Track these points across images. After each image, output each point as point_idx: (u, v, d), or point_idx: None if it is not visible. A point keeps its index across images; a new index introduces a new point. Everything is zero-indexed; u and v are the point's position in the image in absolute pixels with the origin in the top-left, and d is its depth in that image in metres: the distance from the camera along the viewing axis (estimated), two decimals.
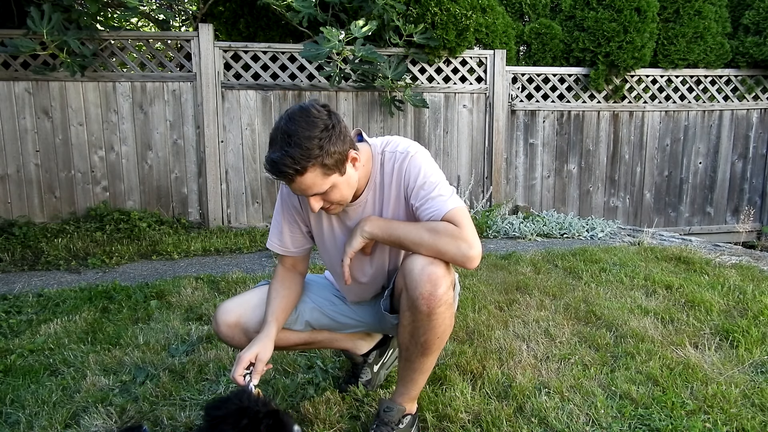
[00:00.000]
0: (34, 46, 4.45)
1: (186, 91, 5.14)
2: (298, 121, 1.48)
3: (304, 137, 1.45)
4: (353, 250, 1.64)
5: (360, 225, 1.64)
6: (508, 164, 5.97)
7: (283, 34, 5.62)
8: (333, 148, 1.49)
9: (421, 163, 1.65)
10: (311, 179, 1.49)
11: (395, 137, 1.75)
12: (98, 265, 4.10)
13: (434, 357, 1.69)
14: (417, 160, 1.65)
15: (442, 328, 1.61)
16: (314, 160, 1.46)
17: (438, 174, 1.65)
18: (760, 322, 2.67)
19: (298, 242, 1.85)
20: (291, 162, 1.45)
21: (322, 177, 1.50)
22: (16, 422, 1.93)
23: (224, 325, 1.78)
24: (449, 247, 1.54)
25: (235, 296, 1.90)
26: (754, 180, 6.50)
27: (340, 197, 1.59)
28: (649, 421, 1.85)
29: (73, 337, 2.66)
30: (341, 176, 1.55)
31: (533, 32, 6.03)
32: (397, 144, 1.71)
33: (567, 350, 2.41)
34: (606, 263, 3.82)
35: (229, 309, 1.81)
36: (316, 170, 1.48)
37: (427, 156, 1.69)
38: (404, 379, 1.75)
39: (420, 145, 1.72)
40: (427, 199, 1.60)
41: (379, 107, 5.52)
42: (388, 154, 1.69)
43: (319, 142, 1.46)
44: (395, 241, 1.62)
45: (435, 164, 1.69)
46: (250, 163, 5.35)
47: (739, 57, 6.16)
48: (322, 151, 1.47)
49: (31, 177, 4.93)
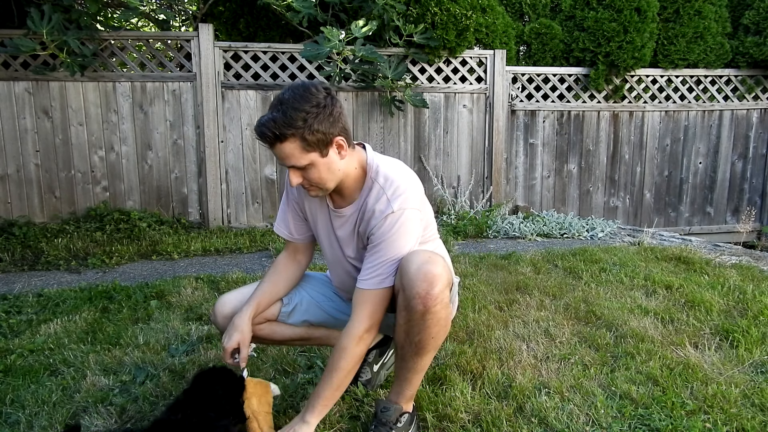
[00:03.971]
0: (34, 46, 4.45)
1: (186, 91, 5.14)
2: (295, 92, 1.54)
3: (292, 107, 1.51)
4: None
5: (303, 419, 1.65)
6: (508, 164, 5.97)
7: (283, 34, 5.62)
8: (317, 126, 1.53)
9: (394, 226, 1.61)
10: (290, 149, 1.54)
11: (397, 173, 1.68)
12: (98, 265, 4.10)
13: (429, 357, 1.69)
14: (394, 220, 1.62)
15: (437, 329, 1.61)
16: (295, 131, 1.51)
17: (402, 245, 1.62)
18: (760, 322, 2.67)
19: (300, 230, 1.92)
20: (273, 126, 1.51)
21: (300, 150, 1.54)
22: (16, 422, 1.93)
23: (221, 317, 1.87)
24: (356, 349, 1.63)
25: (233, 290, 1.97)
26: (754, 180, 6.50)
27: (318, 179, 1.61)
28: (649, 421, 1.85)
29: (73, 337, 2.66)
30: (322, 157, 1.58)
31: (533, 32, 6.03)
32: (391, 184, 1.65)
33: (567, 350, 2.41)
34: (606, 263, 3.82)
35: (226, 301, 1.89)
36: (295, 142, 1.53)
37: (410, 217, 1.63)
38: (399, 378, 1.76)
39: (413, 196, 1.65)
40: (371, 264, 1.64)
41: (379, 107, 5.52)
42: (378, 190, 1.66)
43: (305, 116, 1.51)
44: (333, 396, 1.66)
45: (413, 229, 1.64)
46: (250, 163, 5.35)
47: (739, 57, 6.16)
48: (305, 124, 1.51)
49: (31, 177, 4.93)
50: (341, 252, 1.83)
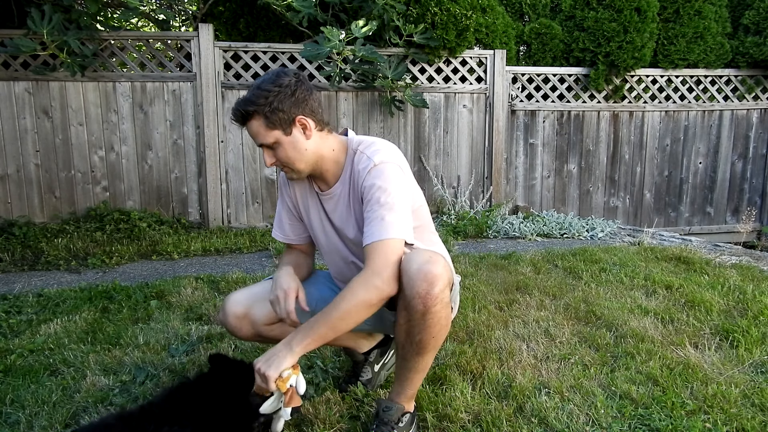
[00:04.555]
0: (34, 46, 4.45)
1: (186, 91, 5.14)
2: (266, 77, 1.67)
3: (258, 88, 1.64)
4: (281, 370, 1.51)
5: (287, 346, 1.54)
6: (508, 164, 5.97)
7: (283, 34, 5.62)
8: (279, 105, 1.62)
9: (382, 175, 1.63)
10: (255, 127, 1.65)
11: (376, 140, 1.76)
12: (98, 265, 4.10)
13: (430, 357, 1.69)
14: (379, 170, 1.64)
15: (437, 328, 1.61)
16: (257, 108, 1.62)
17: (395, 191, 1.62)
18: (760, 322, 2.67)
19: (297, 230, 1.94)
20: (240, 105, 1.65)
21: (265, 128, 1.64)
22: (16, 422, 1.93)
23: (233, 316, 1.82)
24: (365, 293, 1.53)
25: (243, 288, 1.92)
26: (754, 180, 6.50)
27: (286, 157, 1.69)
28: (649, 421, 1.85)
29: (73, 337, 2.65)
30: (286, 136, 1.66)
31: (533, 32, 6.03)
32: (370, 146, 1.72)
33: (567, 350, 2.41)
34: (606, 263, 3.82)
35: (238, 300, 1.84)
36: (259, 120, 1.64)
37: (393, 166, 1.66)
38: (400, 378, 1.76)
39: (392, 153, 1.70)
40: (369, 221, 1.61)
41: (379, 107, 5.52)
42: (359, 155, 1.72)
43: (267, 95, 1.62)
44: (324, 335, 1.55)
45: (400, 179, 1.65)
46: (250, 163, 5.35)
47: (739, 57, 6.16)
48: (266, 101, 1.62)
49: (31, 177, 4.93)
50: (337, 237, 1.83)
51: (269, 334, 1.86)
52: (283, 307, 1.69)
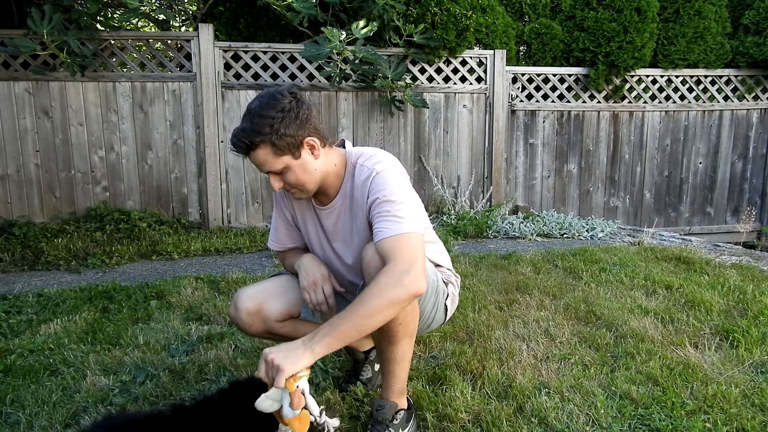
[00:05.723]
0: (34, 46, 4.45)
1: (186, 91, 5.14)
2: (261, 101, 1.58)
3: (259, 116, 1.55)
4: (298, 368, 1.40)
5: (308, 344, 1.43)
6: (508, 164, 5.97)
7: (283, 34, 5.62)
8: (285, 130, 1.56)
9: (387, 180, 1.63)
10: (263, 156, 1.58)
11: (373, 150, 1.74)
12: (98, 265, 4.10)
13: (404, 345, 1.68)
14: (383, 176, 1.64)
15: (402, 315, 1.59)
16: (264, 137, 1.55)
17: (403, 193, 1.61)
18: (760, 322, 2.67)
19: (295, 237, 1.94)
20: (243, 137, 1.56)
21: (273, 156, 1.58)
22: (16, 422, 1.93)
23: (245, 312, 1.79)
24: (393, 290, 1.43)
25: (253, 284, 1.90)
26: (754, 180, 6.50)
27: (296, 180, 1.64)
28: (649, 421, 1.85)
29: (73, 337, 2.66)
30: (295, 159, 1.61)
31: (533, 32, 6.03)
32: (370, 158, 1.70)
33: (567, 350, 2.42)
34: (606, 263, 3.82)
35: (250, 295, 1.81)
36: (266, 148, 1.57)
37: (397, 173, 1.66)
38: (384, 372, 1.76)
39: (393, 162, 1.70)
40: (381, 218, 1.57)
41: (379, 107, 5.52)
42: (359, 167, 1.70)
43: (271, 122, 1.54)
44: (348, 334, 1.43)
45: (404, 183, 1.66)
46: (250, 163, 5.33)
47: (739, 57, 6.16)
48: (272, 130, 1.54)
49: (31, 177, 4.93)
50: (333, 254, 1.83)
51: (280, 330, 1.85)
52: (320, 293, 1.69)
